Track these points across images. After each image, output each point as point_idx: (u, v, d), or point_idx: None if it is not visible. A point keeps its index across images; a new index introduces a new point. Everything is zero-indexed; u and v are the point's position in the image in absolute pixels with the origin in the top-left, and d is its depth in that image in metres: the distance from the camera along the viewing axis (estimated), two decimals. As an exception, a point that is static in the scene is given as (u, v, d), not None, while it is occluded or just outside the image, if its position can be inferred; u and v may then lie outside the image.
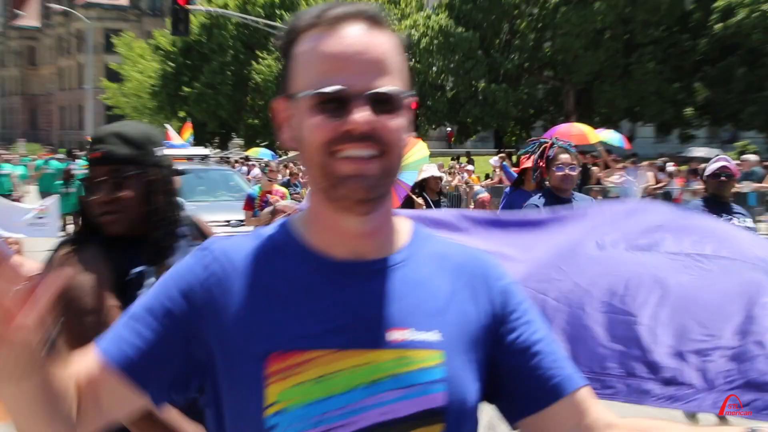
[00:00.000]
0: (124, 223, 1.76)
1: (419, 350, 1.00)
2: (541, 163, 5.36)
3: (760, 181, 15.24)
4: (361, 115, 0.93)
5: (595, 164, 16.51)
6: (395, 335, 1.00)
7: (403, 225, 1.11)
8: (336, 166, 0.93)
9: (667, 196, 15.01)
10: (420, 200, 7.60)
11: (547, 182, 5.33)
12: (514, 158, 22.90)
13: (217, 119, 37.86)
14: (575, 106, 33.30)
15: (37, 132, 68.52)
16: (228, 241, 1.10)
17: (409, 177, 7.25)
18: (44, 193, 17.73)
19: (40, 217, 13.44)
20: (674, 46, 31.98)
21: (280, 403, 0.94)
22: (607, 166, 16.42)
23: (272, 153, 25.48)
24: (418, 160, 7.54)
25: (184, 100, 37.45)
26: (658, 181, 15.50)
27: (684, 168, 17.15)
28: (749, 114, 29.22)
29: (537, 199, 5.18)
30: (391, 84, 0.95)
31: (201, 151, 18.26)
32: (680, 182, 15.38)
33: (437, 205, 8.16)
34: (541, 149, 5.49)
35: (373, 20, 0.98)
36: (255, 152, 26.93)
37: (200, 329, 0.99)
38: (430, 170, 8.03)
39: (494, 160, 21.39)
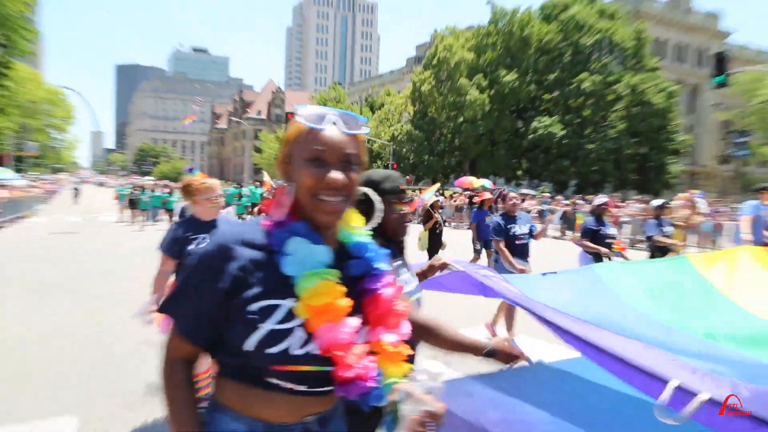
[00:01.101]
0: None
1: None
2: (500, 199, 7.43)
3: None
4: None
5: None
6: None
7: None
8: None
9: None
10: (436, 215, 10.85)
11: (500, 207, 7.38)
12: (447, 192, 36.37)
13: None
14: (469, 169, 48.23)
15: (223, 174, 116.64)
16: None
17: (428, 197, 11.37)
18: (226, 204, 21.23)
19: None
20: (512, 142, 48.48)
21: None
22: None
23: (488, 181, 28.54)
24: (432, 190, 12.06)
25: None
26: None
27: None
28: (547, 176, 46.65)
29: (498, 217, 7.07)
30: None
31: None
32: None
33: (471, 206, 12.22)
34: (499, 192, 7.58)
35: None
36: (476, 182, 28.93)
37: None
38: (433, 197, 11.21)
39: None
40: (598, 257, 7.31)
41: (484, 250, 11.30)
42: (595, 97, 45.23)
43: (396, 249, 2.29)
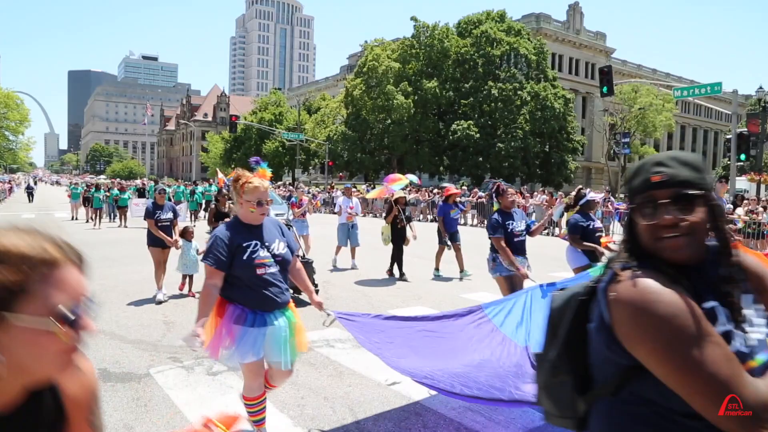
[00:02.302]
0: (691, 248, 1.24)
1: None
2: (496, 194, 5.97)
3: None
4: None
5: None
6: None
7: None
8: None
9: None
10: (396, 209, 9.84)
11: (499, 203, 5.89)
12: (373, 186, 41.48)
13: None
14: (397, 166, 46.76)
15: (173, 173, 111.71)
16: None
17: (397, 188, 10.50)
18: (177, 201, 21.59)
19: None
20: (434, 141, 48.79)
21: None
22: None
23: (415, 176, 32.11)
24: (400, 183, 10.76)
25: (235, 162, 59.05)
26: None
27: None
28: (464, 171, 46.58)
29: (495, 214, 5.78)
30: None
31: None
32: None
33: (404, 211, 10.27)
34: (495, 186, 6.02)
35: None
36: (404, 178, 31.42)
37: None
38: (399, 192, 10.14)
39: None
40: (592, 255, 6.32)
41: (450, 243, 10.55)
42: (504, 102, 46.23)
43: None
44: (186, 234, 8.40)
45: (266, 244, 3.27)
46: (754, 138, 22.24)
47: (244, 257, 3.15)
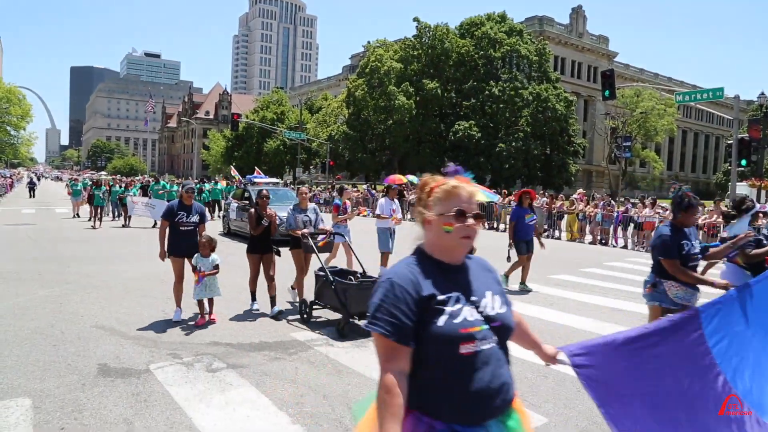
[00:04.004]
0: None
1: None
2: (680, 205, 4.48)
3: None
4: None
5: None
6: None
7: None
8: None
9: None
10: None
11: (677, 217, 4.48)
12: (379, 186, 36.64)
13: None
14: (398, 167, 46.84)
15: (174, 170, 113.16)
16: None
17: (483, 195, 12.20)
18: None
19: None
20: (435, 142, 48.79)
21: None
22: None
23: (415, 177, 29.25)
24: (410, 178, 16.27)
25: (236, 160, 59.13)
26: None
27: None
28: (466, 171, 51.46)
29: (668, 230, 4.49)
30: None
31: (273, 179, 24.28)
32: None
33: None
34: (683, 197, 4.71)
35: None
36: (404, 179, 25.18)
37: None
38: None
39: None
40: (757, 268, 4.92)
41: (515, 255, 9.31)
42: (506, 103, 46.23)
43: None
44: (205, 246, 6.67)
45: (473, 299, 1.82)
46: (756, 144, 22.24)
47: (441, 322, 1.73)
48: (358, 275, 6.90)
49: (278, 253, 7.35)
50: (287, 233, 7.51)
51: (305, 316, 6.85)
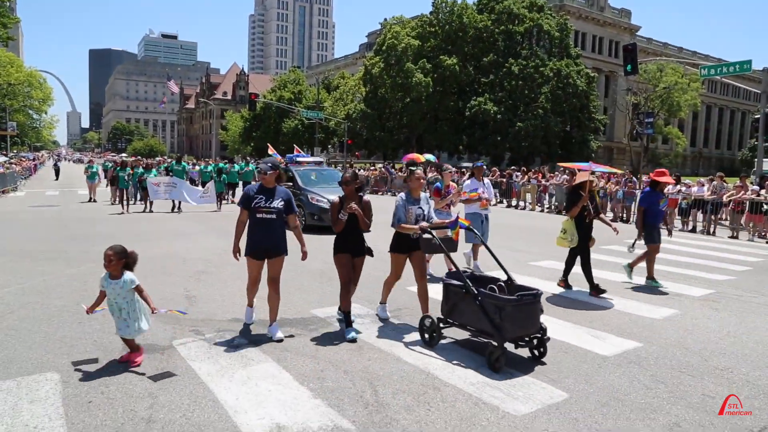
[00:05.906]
0: None
1: None
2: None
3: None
4: None
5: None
6: None
7: None
8: None
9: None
10: (585, 198, 7.32)
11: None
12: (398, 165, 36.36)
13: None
14: (416, 144, 48.26)
15: (192, 151, 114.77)
16: None
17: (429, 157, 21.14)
18: (204, 182, 21.11)
19: (205, 194, 17.90)
20: (453, 120, 48.36)
21: None
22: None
23: (432, 156, 30.55)
24: (427, 157, 21.92)
25: (254, 140, 59.74)
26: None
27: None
28: (483, 150, 47.04)
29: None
30: None
31: (317, 158, 20.35)
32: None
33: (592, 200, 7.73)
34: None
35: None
36: (422, 157, 24.43)
37: None
38: (585, 174, 7.60)
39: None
40: None
41: (642, 245, 8.26)
42: (525, 80, 45.49)
43: None
44: (111, 259, 4.40)
45: None
46: (783, 117, 21.58)
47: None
48: (501, 283, 5.12)
49: (370, 253, 5.65)
50: (395, 228, 5.64)
51: (426, 336, 5.13)
